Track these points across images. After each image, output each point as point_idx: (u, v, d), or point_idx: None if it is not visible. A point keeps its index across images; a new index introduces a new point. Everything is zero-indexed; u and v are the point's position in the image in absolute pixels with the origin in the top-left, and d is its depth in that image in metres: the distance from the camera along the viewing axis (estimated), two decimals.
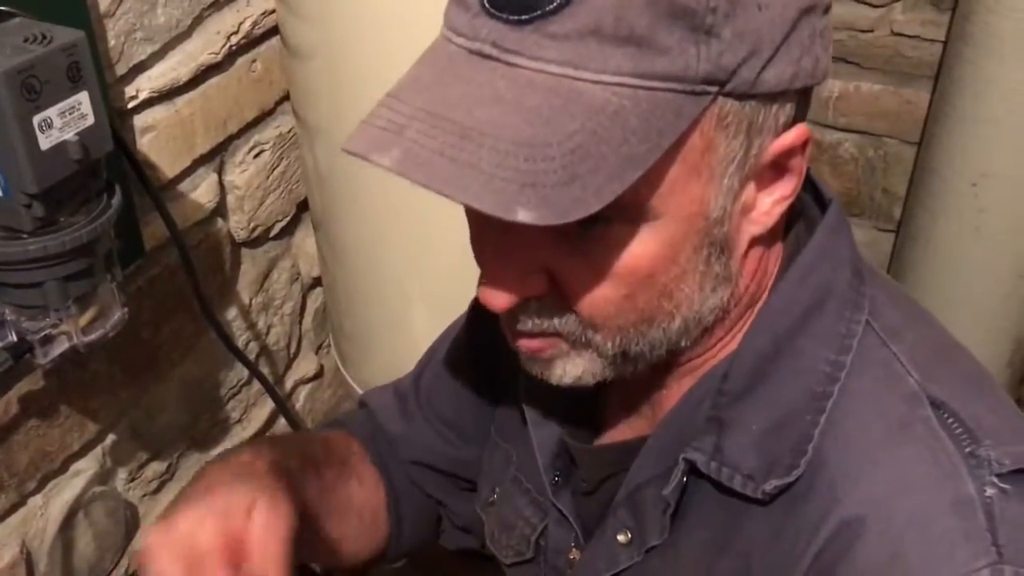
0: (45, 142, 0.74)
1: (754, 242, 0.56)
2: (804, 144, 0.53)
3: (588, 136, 0.46)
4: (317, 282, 1.51)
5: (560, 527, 0.71)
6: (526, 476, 0.73)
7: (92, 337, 0.85)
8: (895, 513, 0.52)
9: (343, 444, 0.81)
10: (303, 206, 1.42)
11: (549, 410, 0.70)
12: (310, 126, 1.20)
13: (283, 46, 1.20)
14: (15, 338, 0.82)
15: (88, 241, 0.80)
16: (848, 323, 0.57)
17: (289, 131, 1.33)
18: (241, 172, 1.27)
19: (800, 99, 0.52)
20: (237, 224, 1.29)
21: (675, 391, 0.62)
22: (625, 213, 0.49)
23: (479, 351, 0.79)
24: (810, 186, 0.62)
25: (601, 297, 0.52)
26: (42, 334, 0.82)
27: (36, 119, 0.73)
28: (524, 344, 0.57)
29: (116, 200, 0.83)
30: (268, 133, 1.30)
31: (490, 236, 0.53)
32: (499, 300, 0.53)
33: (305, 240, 1.46)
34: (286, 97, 1.31)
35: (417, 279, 1.17)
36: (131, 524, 1.21)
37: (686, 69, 0.46)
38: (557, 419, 0.70)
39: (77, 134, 0.76)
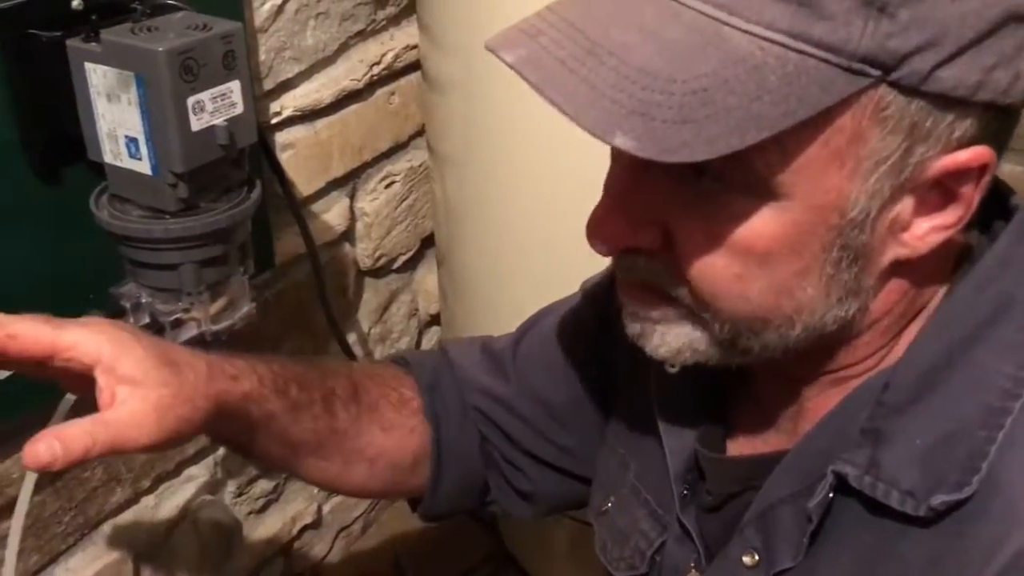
0: (196, 124, 0.77)
1: (899, 266, 0.52)
2: (980, 169, 0.48)
3: (718, 83, 0.44)
4: (434, 320, 1.52)
5: (681, 544, 0.66)
6: (646, 486, 0.70)
7: (220, 326, 0.86)
8: None
9: (384, 388, 0.78)
10: (427, 242, 1.43)
11: (682, 417, 0.67)
12: (443, 157, 1.22)
13: (423, 79, 1.23)
14: (148, 319, 0.84)
15: (226, 227, 0.82)
16: None
17: (420, 166, 1.36)
18: (371, 200, 1.30)
19: (987, 119, 0.48)
20: (363, 251, 1.31)
21: (821, 404, 0.58)
22: (751, 183, 0.47)
23: (595, 343, 0.76)
24: (994, 195, 0.56)
25: (711, 268, 0.50)
26: (173, 317, 0.84)
27: (190, 100, 0.76)
28: (632, 296, 0.55)
29: (256, 193, 0.85)
30: (400, 165, 1.33)
31: (616, 180, 0.52)
32: (603, 239, 0.51)
33: (426, 277, 1.48)
34: (419, 132, 1.34)
35: None
36: (235, 539, 1.21)
37: (846, 42, 0.44)
38: (690, 427, 0.67)
39: (226, 120, 0.79)
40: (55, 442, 0.52)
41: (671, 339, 0.54)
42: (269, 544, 1.28)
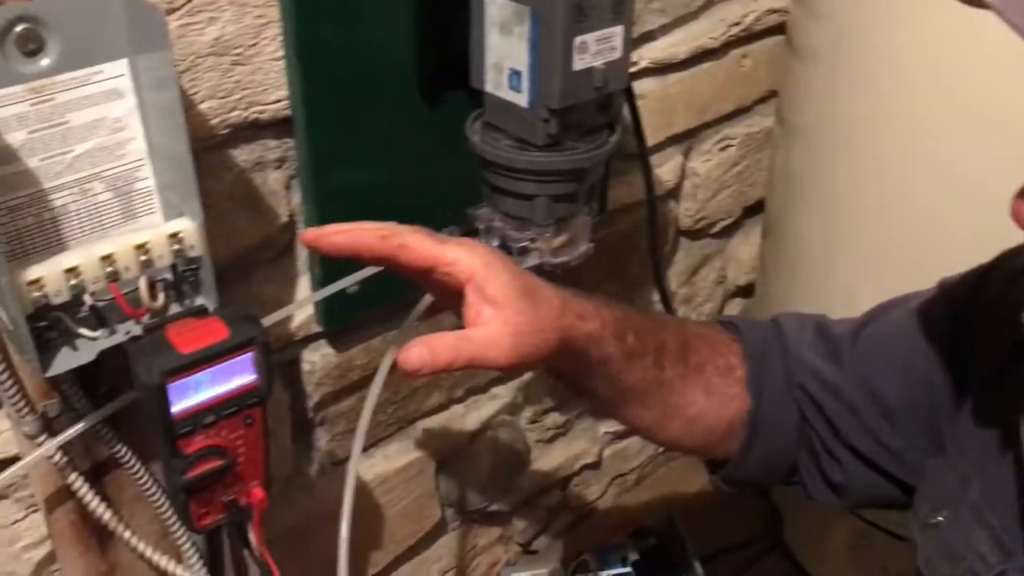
0: (578, 63, 0.80)
1: None
2: None
3: None
4: (740, 292, 1.50)
5: None
6: (991, 508, 0.65)
7: (559, 260, 0.90)
8: None
9: (713, 352, 0.77)
10: (748, 211, 1.41)
11: None
12: (792, 127, 1.18)
13: (786, 45, 1.20)
14: (498, 243, 0.89)
15: (585, 167, 0.85)
16: None
17: (759, 132, 1.33)
18: (704, 161, 1.29)
19: None
20: (686, 211, 1.31)
21: None
22: None
23: (948, 347, 0.72)
24: None
25: None
26: (520, 244, 0.88)
27: (577, 40, 0.79)
28: None
29: (615, 138, 0.87)
30: (738, 129, 1.31)
31: None
32: None
33: (740, 247, 1.45)
34: (763, 98, 1.31)
35: (868, 298, 1.11)
36: (524, 461, 1.27)
37: None
38: None
39: (604, 64, 0.81)
40: (425, 351, 0.58)
41: None
42: (550, 475, 1.33)
